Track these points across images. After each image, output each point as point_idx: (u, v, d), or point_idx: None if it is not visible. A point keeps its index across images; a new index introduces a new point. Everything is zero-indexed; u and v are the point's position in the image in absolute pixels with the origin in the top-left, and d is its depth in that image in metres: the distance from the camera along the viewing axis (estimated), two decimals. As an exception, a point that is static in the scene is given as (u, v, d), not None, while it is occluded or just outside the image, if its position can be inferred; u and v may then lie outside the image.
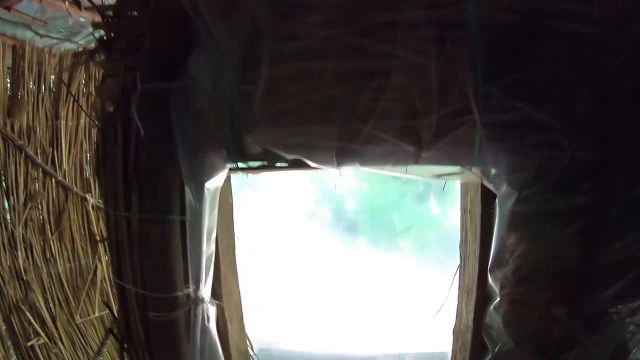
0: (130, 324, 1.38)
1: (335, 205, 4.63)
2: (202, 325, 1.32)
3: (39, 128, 2.75)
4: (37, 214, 2.81)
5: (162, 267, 1.29)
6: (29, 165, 2.73)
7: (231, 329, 1.57)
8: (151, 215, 1.30)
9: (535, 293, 1.34)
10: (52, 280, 2.90)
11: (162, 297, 1.29)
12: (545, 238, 1.34)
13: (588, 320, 1.29)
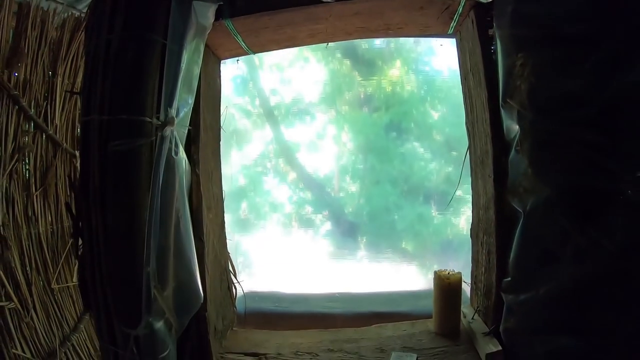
0: (88, 170, 1.25)
1: (334, 210, 4.51)
2: (168, 156, 1.19)
3: (35, 82, 2.72)
4: (24, 168, 2.71)
5: (133, 88, 1.21)
6: (21, 117, 2.68)
7: (207, 218, 1.45)
8: (131, 32, 1.23)
9: (560, 125, 1.24)
10: (31, 241, 2.74)
11: (127, 119, 1.18)
12: (554, 60, 1.26)
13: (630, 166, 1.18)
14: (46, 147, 2.82)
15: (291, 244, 4.30)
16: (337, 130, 4.58)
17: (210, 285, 1.52)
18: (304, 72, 4.50)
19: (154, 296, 1.24)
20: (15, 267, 2.68)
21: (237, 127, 4.61)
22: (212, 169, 1.62)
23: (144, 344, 1.28)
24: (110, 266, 1.28)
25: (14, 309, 2.66)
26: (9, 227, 2.66)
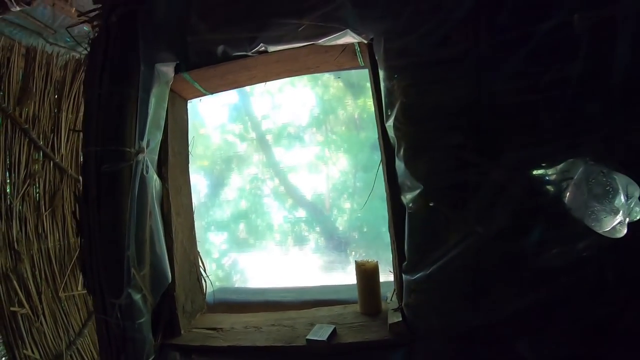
0: (88, 185, 1.89)
1: (326, 227, 5.05)
2: (141, 175, 1.83)
3: (43, 117, 3.41)
4: (34, 191, 3.37)
5: (117, 127, 1.84)
6: (32, 147, 3.35)
7: (176, 221, 2.06)
8: (114, 88, 1.88)
9: (428, 132, 1.67)
10: (41, 255, 3.38)
11: (114, 149, 1.82)
12: (419, 81, 1.69)
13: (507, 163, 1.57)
14: (54, 173, 3.48)
15: (285, 260, 4.84)
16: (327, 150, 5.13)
17: (179, 272, 2.09)
18: (294, 96, 5.11)
19: (133, 274, 1.85)
20: (27, 277, 3.32)
21: (232, 152, 5.25)
22: (181, 184, 2.24)
23: (125, 311, 1.86)
24: (103, 253, 1.89)
25: (25, 315, 3.29)
26: (22, 242, 3.30)
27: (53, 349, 3.33)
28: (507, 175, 1.55)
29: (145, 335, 1.86)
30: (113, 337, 1.87)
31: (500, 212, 1.55)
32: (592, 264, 1.45)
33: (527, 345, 1.52)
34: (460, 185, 1.62)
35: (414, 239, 1.72)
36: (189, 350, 1.93)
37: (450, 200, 1.63)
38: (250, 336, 1.93)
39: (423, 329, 1.69)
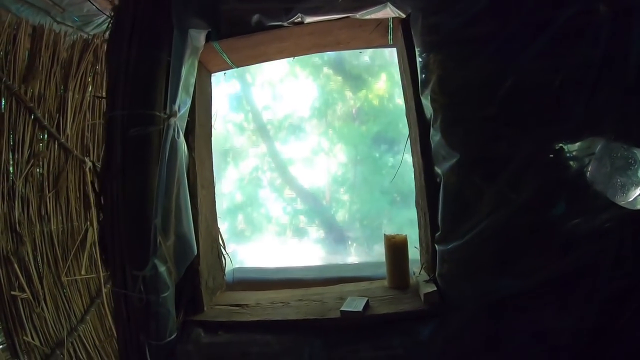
0: (112, 150, 1.78)
1: (325, 219, 4.98)
2: (172, 138, 1.72)
3: (49, 96, 3.28)
4: (38, 172, 3.23)
5: (146, 91, 1.74)
6: (36, 126, 3.22)
7: (201, 193, 1.96)
8: (144, 51, 1.78)
9: (463, 104, 1.70)
10: (43, 238, 3.24)
11: (142, 113, 1.72)
12: (455, 56, 1.73)
13: (535, 137, 1.61)
14: (58, 154, 3.34)
15: (285, 251, 4.76)
16: (328, 143, 5.09)
17: (203, 247, 2.00)
18: (295, 87, 5.06)
19: (159, 242, 1.74)
20: (29, 261, 3.17)
21: (233, 142, 5.16)
22: (205, 157, 2.13)
23: (150, 283, 1.76)
24: (126, 222, 1.79)
25: (26, 300, 3.15)
26: (24, 224, 3.16)
27: (54, 335, 3.20)
28: (535, 148, 1.60)
29: (169, 310, 1.75)
30: (133, 313, 1.76)
31: (529, 184, 1.59)
32: (613, 236, 1.49)
33: (552, 315, 1.56)
34: (493, 156, 1.66)
35: (448, 209, 1.74)
36: (214, 326, 1.84)
37: (483, 171, 1.66)
38: (280, 311, 1.84)
39: (456, 298, 1.72)
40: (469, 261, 1.70)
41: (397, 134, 4.71)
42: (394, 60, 4.99)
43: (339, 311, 1.78)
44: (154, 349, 1.76)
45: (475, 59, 1.67)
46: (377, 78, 4.74)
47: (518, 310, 1.61)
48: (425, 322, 1.75)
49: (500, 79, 1.63)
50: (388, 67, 4.71)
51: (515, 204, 1.60)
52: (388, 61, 4.70)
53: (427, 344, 1.72)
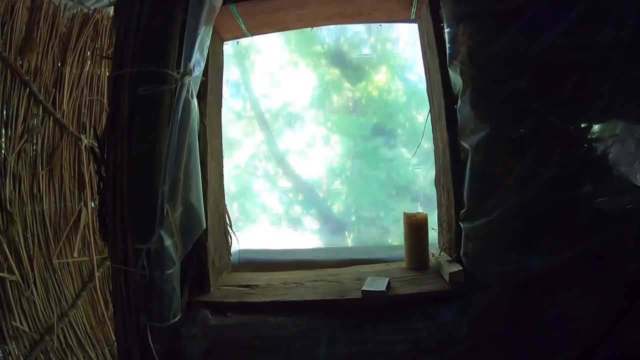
0: (118, 111, 1.61)
1: (321, 209, 4.84)
2: (186, 99, 1.55)
3: (45, 69, 3.08)
4: (31, 149, 3.03)
5: (159, 48, 1.57)
6: (31, 101, 3.02)
7: (210, 164, 1.79)
8: (158, 7, 1.60)
9: (493, 76, 1.62)
10: (35, 218, 3.04)
11: (154, 71, 1.55)
12: (486, 28, 1.67)
13: (563, 114, 1.57)
14: (53, 130, 3.14)
15: (280, 241, 4.59)
16: (326, 133, 4.96)
17: (210, 223, 1.82)
18: (294, 77, 4.91)
19: (167, 212, 1.57)
20: (19, 241, 2.97)
21: (231, 130, 4.99)
22: (215, 126, 1.97)
23: (154, 258, 1.58)
24: (131, 189, 1.61)
25: (14, 282, 2.94)
26: (14, 203, 2.96)
27: (44, 320, 2.99)
28: (563, 125, 1.57)
29: (175, 289, 1.58)
30: (134, 292, 1.59)
31: (556, 161, 1.55)
32: (636, 218, 1.49)
33: (575, 298, 1.54)
34: (521, 132, 1.63)
35: (474, 185, 1.68)
36: (223, 307, 1.68)
37: (512, 146, 1.61)
38: (294, 291, 1.70)
39: (481, 278, 1.64)
40: (496, 239, 1.63)
41: (395, 127, 4.59)
42: (395, 52, 4.91)
43: (360, 291, 1.64)
44: (157, 331, 1.60)
45: (505, 32, 1.61)
46: (377, 70, 4.62)
47: (542, 293, 1.57)
48: (449, 304, 1.67)
49: (530, 53, 1.58)
50: (389, 60, 4.60)
51: (543, 181, 1.56)
52: (389, 54, 4.58)
53: (452, 326, 1.63)
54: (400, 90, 4.65)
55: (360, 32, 4.60)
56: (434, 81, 1.85)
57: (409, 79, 4.65)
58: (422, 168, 4.52)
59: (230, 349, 1.57)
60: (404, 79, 4.68)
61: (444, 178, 1.77)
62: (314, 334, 1.56)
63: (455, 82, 1.72)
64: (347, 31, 4.64)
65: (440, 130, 1.81)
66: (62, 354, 3.10)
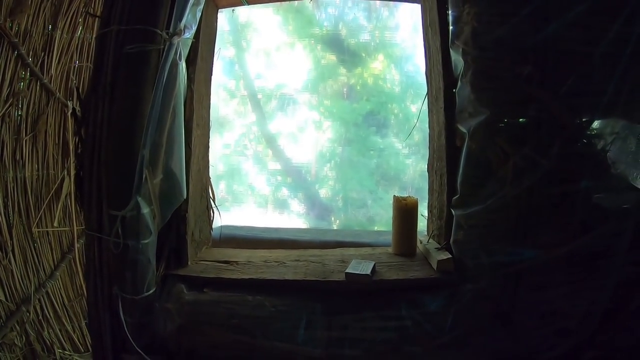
0: (102, 70, 1.48)
1: (309, 193, 4.74)
2: (173, 60, 1.43)
3: (35, 33, 2.92)
4: (16, 113, 2.88)
5: (148, 6, 1.44)
6: (19, 64, 2.86)
7: (195, 132, 1.67)
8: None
9: (496, 60, 1.51)
10: (16, 184, 2.90)
11: (142, 29, 1.42)
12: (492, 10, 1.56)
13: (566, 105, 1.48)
14: (40, 95, 2.99)
15: (266, 223, 4.48)
16: (318, 118, 4.84)
17: (192, 193, 1.70)
18: (290, 58, 4.78)
19: (145, 178, 1.45)
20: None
21: (222, 109, 4.85)
22: (203, 94, 1.84)
23: (130, 226, 1.46)
24: (109, 151, 1.49)
25: (-8, 250, 2.81)
26: (-4, 168, 2.82)
27: (20, 290, 2.85)
28: (565, 116, 1.48)
29: (150, 260, 1.47)
30: (107, 261, 1.47)
31: (556, 153, 1.46)
32: (631, 219, 1.44)
33: (565, 295, 1.48)
34: (522, 120, 1.53)
35: (469, 171, 1.58)
36: (199, 283, 1.56)
37: (510, 134, 1.51)
38: (275, 270, 1.58)
39: (471, 267, 1.55)
40: (488, 228, 1.54)
41: (388, 116, 4.48)
42: (393, 41, 4.79)
43: (344, 274, 1.52)
44: (129, 303, 1.49)
45: (511, 16, 1.51)
46: (374, 58, 4.50)
47: (532, 287, 1.50)
48: (436, 293, 1.58)
49: (536, 41, 1.49)
50: (387, 48, 4.48)
51: (541, 173, 1.47)
52: (387, 42, 4.46)
53: (437, 316, 1.54)
54: (395, 80, 4.54)
55: (359, 18, 4.47)
56: (434, 62, 1.75)
57: (406, 70, 4.53)
58: (413, 159, 4.42)
59: (205, 327, 1.46)
60: (401, 69, 4.57)
61: (437, 162, 1.66)
62: (293, 315, 1.46)
63: (456, 64, 1.61)
64: (346, 16, 4.50)
65: (437, 113, 1.70)
66: (38, 325, 2.97)
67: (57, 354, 3.03)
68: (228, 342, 1.50)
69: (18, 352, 2.89)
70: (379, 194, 4.60)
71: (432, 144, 1.76)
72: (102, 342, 1.54)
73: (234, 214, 4.57)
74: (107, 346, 1.53)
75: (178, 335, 1.52)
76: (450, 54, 1.65)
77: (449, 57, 1.65)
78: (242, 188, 4.85)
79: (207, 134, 1.84)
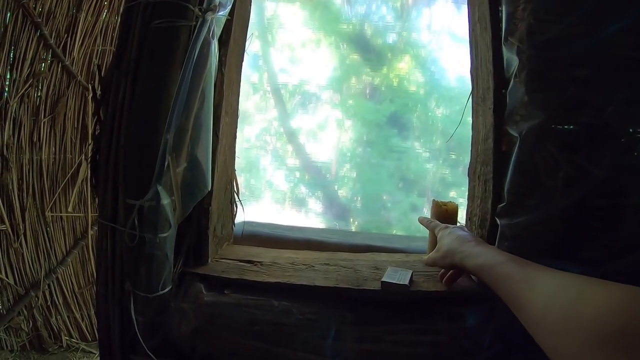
0: (126, 45, 1.31)
1: (327, 192, 4.57)
2: (205, 38, 1.26)
3: (59, 13, 2.77)
4: (35, 94, 2.74)
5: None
6: (41, 44, 2.72)
7: (224, 120, 1.50)
8: None
9: (552, 60, 1.34)
10: (32, 167, 2.75)
11: (172, 2, 1.26)
12: (549, 7, 1.39)
13: (621, 114, 1.31)
14: (61, 77, 2.84)
15: (283, 220, 4.32)
16: (340, 116, 4.66)
17: (217, 185, 1.53)
18: (315, 55, 4.60)
19: (168, 165, 1.27)
20: (12, 190, 2.68)
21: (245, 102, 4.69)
22: (233, 80, 1.66)
23: (147, 218, 1.29)
24: (129, 134, 1.31)
25: (3, 232, 2.66)
26: (12, 149, 2.67)
27: (30, 275, 2.70)
28: (620, 125, 1.31)
29: (167, 256, 1.28)
30: (120, 254, 1.29)
31: (607, 164, 1.30)
32: None
33: None
34: (574, 126, 1.36)
35: (517, 178, 1.41)
36: (220, 283, 1.39)
37: (562, 141, 1.34)
38: (303, 274, 1.40)
39: None
40: (533, 240, 1.37)
41: (411, 119, 4.28)
42: (421, 43, 4.60)
43: (379, 282, 1.35)
44: (141, 301, 1.31)
45: (566, 15, 1.36)
46: (400, 59, 4.30)
47: None
48: (476, 307, 1.40)
49: (591, 43, 1.34)
50: (414, 49, 4.27)
51: (592, 184, 1.32)
52: (414, 43, 4.26)
53: (475, 332, 1.37)
54: (421, 82, 4.34)
55: (387, 17, 4.28)
56: (482, 60, 1.55)
57: (432, 72, 4.32)
58: (433, 164, 4.22)
59: (223, 332, 1.28)
60: (427, 71, 4.36)
61: (481, 167, 1.48)
62: (321, 325, 1.29)
63: (509, 62, 1.45)
64: (374, 15, 4.32)
65: (483, 114, 1.52)
66: (46, 311, 2.82)
67: (64, 341, 2.88)
68: (248, 349, 1.32)
69: (24, 337, 2.75)
70: (398, 198, 4.41)
71: (476, 147, 1.57)
72: (109, 341, 1.37)
73: (251, 210, 4.39)
74: (115, 345, 1.35)
75: (193, 339, 1.35)
76: (502, 52, 1.47)
77: (501, 54, 1.48)
78: (260, 183, 4.68)
79: (235, 123, 1.66)
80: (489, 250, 1.22)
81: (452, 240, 1.35)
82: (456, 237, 1.29)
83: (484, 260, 1.17)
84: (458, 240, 1.33)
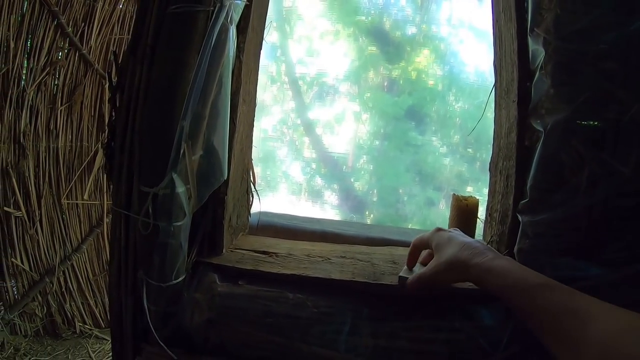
0: (142, 30, 1.28)
1: (344, 185, 4.54)
2: (223, 24, 1.22)
3: (76, 2, 2.76)
4: (52, 82, 2.73)
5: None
6: (58, 33, 2.71)
7: (241, 108, 1.47)
8: None
9: (579, 52, 1.27)
10: (48, 154, 2.75)
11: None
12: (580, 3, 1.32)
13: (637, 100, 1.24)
14: (78, 65, 2.83)
15: (299, 212, 4.29)
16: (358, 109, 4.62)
17: (233, 174, 1.50)
18: (334, 47, 4.56)
19: (183, 153, 1.24)
20: (28, 177, 2.68)
21: (262, 93, 4.67)
22: (251, 67, 1.63)
23: (162, 206, 1.27)
24: (145, 121, 1.29)
25: (19, 219, 2.66)
26: (29, 137, 2.67)
27: (45, 261, 2.71)
28: None
29: (182, 245, 1.25)
30: (133, 242, 1.26)
31: (634, 162, 1.24)
32: None
33: None
34: (601, 122, 1.30)
35: (541, 174, 1.35)
36: (234, 274, 1.35)
37: (588, 136, 1.28)
38: (319, 266, 1.36)
39: None
40: (556, 239, 1.31)
41: (429, 112, 4.22)
42: (440, 36, 4.53)
43: (397, 277, 1.30)
44: (154, 290, 1.28)
45: (595, 6, 1.30)
46: (419, 52, 4.24)
47: None
48: (494, 305, 1.35)
49: (619, 36, 1.27)
50: (433, 42, 4.20)
51: (618, 182, 1.25)
52: (434, 37, 4.19)
53: (492, 331, 1.32)
54: (439, 76, 4.27)
55: (406, 9, 4.21)
56: (506, 51, 1.50)
57: (451, 66, 4.25)
58: (450, 158, 4.16)
59: (237, 323, 1.25)
60: (446, 65, 4.29)
61: (503, 162, 1.43)
62: (337, 319, 1.25)
63: (534, 54, 1.39)
64: (392, 7, 4.25)
65: (507, 107, 1.47)
66: (61, 297, 2.83)
67: (78, 327, 2.89)
68: (261, 341, 1.29)
69: (38, 322, 2.77)
70: (414, 192, 4.36)
71: (498, 142, 1.52)
72: (121, 329, 1.35)
73: (267, 201, 4.38)
74: (127, 334, 1.33)
75: (205, 329, 1.32)
76: (528, 43, 1.42)
77: (526, 46, 1.42)
78: (277, 175, 4.67)
79: (252, 112, 1.62)
80: (516, 267, 1.07)
81: (459, 249, 1.11)
82: (463, 246, 1.10)
83: (514, 280, 1.01)
84: (468, 251, 1.09)
